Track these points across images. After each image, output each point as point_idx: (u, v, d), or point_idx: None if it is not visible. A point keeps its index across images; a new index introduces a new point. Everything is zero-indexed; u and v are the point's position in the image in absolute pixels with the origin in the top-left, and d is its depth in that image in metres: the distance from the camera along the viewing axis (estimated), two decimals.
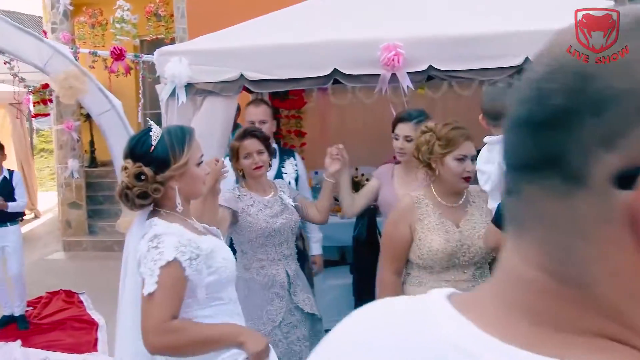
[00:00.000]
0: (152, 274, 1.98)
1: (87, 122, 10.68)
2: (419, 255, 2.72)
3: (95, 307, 6.04)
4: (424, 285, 2.74)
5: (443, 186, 2.79)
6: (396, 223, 2.82)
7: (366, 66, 3.72)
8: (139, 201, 2.13)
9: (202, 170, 2.24)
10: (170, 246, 2.02)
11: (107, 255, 8.73)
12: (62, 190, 9.52)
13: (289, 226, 3.30)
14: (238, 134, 3.42)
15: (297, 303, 3.29)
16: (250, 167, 3.29)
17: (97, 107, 4.01)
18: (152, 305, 1.99)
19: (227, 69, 3.75)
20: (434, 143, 2.72)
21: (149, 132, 2.14)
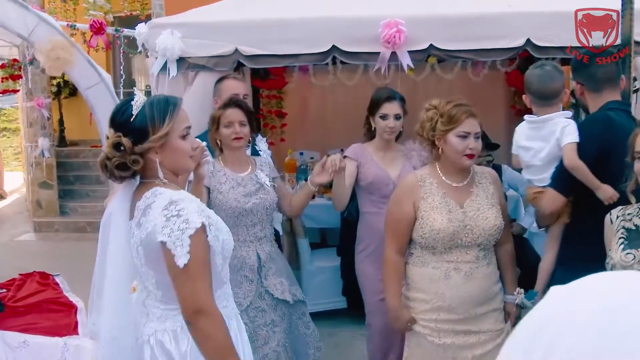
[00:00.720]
0: (182, 244, 1.88)
1: (56, 100, 10.37)
2: (422, 235, 2.66)
3: (71, 290, 5.85)
4: (426, 266, 2.69)
5: (447, 164, 2.71)
6: (399, 201, 2.76)
7: (366, 43, 3.64)
8: (118, 172, 2.01)
9: (187, 144, 2.08)
10: (194, 212, 1.92)
11: (79, 236, 8.52)
12: (32, 170, 9.21)
13: (262, 207, 3.11)
14: (222, 103, 3.20)
15: (267, 287, 3.12)
16: (229, 136, 3.07)
17: (86, 81, 3.82)
18: (191, 278, 1.90)
19: (221, 43, 3.64)
20: (437, 120, 2.66)
21: (130, 101, 2.03)
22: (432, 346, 2.68)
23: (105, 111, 3.83)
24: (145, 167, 2.03)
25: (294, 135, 6.78)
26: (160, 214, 1.92)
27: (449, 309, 2.65)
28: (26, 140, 9.63)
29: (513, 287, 2.88)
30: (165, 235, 1.89)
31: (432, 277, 2.67)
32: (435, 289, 2.66)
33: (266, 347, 3.08)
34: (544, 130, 2.82)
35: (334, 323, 4.98)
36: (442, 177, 2.73)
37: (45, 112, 8.77)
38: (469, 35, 3.67)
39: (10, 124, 17.40)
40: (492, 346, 2.71)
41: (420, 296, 2.71)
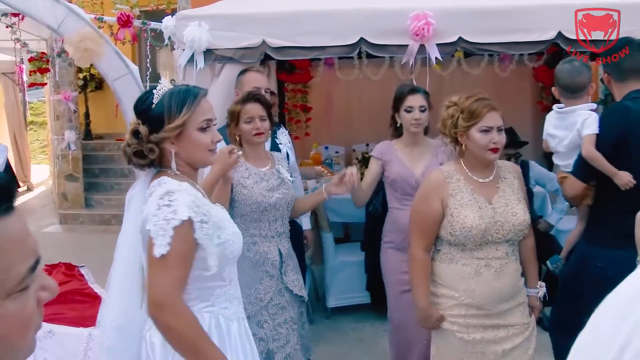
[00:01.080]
0: (164, 234, 1.84)
1: (82, 93, 10.47)
2: (451, 232, 2.60)
3: (96, 281, 5.90)
4: (455, 263, 2.64)
5: (472, 160, 2.67)
6: (427, 198, 2.70)
7: (394, 36, 3.60)
8: (136, 159, 2.00)
9: (206, 136, 2.01)
10: (184, 204, 1.88)
11: (105, 229, 8.59)
12: (58, 163, 9.31)
13: (285, 202, 3.07)
14: (240, 97, 3.15)
15: (286, 284, 3.09)
16: (250, 132, 3.02)
17: (113, 72, 3.83)
18: (164, 270, 1.86)
19: (248, 35, 3.62)
20: (457, 117, 2.62)
21: (153, 90, 2.01)
22: (461, 342, 2.64)
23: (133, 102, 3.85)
24: (162, 157, 2.01)
25: (318, 130, 6.76)
26: (154, 203, 1.90)
27: (478, 305, 2.61)
28: (53, 134, 9.73)
29: (535, 281, 2.87)
30: (152, 224, 1.87)
31: (462, 275, 2.63)
32: (465, 286, 2.62)
33: (288, 346, 3.05)
34: (568, 120, 3.09)
35: (358, 318, 4.96)
36: (469, 173, 2.68)
37: (72, 105, 8.85)
38: (499, 28, 3.61)
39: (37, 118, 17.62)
40: (520, 340, 2.68)
41: (449, 293, 2.67)
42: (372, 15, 3.58)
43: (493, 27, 3.60)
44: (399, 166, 3.47)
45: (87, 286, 5.80)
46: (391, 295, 3.60)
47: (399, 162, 3.48)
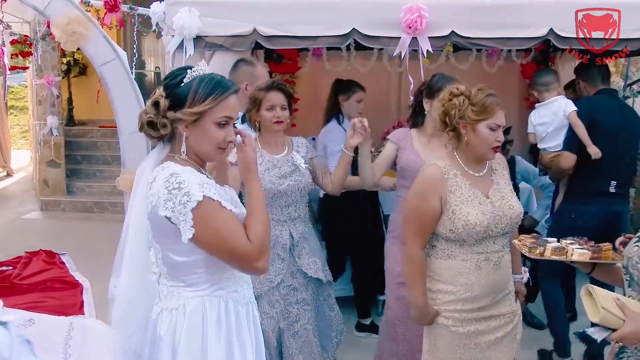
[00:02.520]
0: (185, 219, 1.87)
1: (65, 78, 10.32)
2: (451, 229, 2.58)
3: (78, 269, 5.82)
4: (453, 258, 2.63)
5: (469, 154, 2.65)
6: (425, 195, 2.64)
7: (386, 28, 3.59)
8: (147, 129, 2.02)
9: (220, 133, 1.99)
10: (194, 184, 1.90)
11: (86, 216, 8.51)
12: (40, 148, 9.18)
13: (297, 188, 3.18)
14: (264, 84, 3.23)
15: (300, 266, 3.19)
16: (271, 120, 3.14)
17: (101, 57, 3.76)
18: (222, 246, 1.91)
19: (239, 23, 3.58)
20: (466, 108, 2.57)
21: (188, 69, 2.01)
22: (456, 335, 2.65)
23: (120, 89, 3.78)
24: (174, 138, 2.03)
25: (305, 121, 6.70)
26: (162, 186, 1.91)
27: (475, 299, 2.62)
28: (35, 119, 9.59)
29: (519, 267, 2.92)
30: (169, 210, 1.89)
31: (461, 270, 2.62)
32: (465, 280, 2.61)
33: (297, 324, 3.18)
34: (551, 108, 4.19)
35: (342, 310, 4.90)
36: (464, 167, 2.66)
37: (55, 90, 8.71)
38: (492, 23, 3.60)
39: (17, 102, 17.37)
40: (510, 327, 2.72)
41: (445, 288, 2.66)
42: (365, 6, 3.56)
43: (485, 22, 3.60)
44: (412, 154, 3.47)
45: (68, 274, 5.71)
46: (389, 287, 3.67)
47: (412, 151, 3.48)
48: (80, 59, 10.38)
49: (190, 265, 2.00)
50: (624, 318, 1.97)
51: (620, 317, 1.98)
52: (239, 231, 1.93)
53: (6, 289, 5.19)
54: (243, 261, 1.95)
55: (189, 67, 2.02)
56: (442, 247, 2.67)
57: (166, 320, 2.02)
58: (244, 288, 2.16)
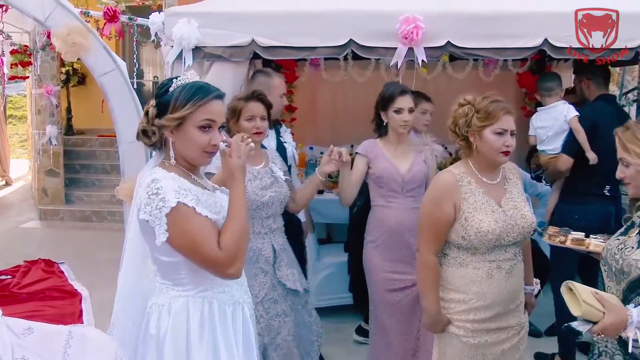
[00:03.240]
0: (160, 223, 1.96)
1: (64, 88, 10.35)
2: (464, 236, 2.57)
3: (76, 278, 5.84)
4: (465, 267, 2.62)
5: (482, 161, 2.65)
6: (439, 202, 2.62)
7: (383, 38, 3.62)
8: (142, 137, 2.13)
9: (204, 137, 2.05)
10: (171, 190, 1.97)
11: (85, 225, 8.51)
12: (39, 157, 9.20)
13: (278, 199, 3.18)
14: (244, 94, 3.24)
15: (280, 278, 3.18)
16: (250, 130, 3.11)
17: (101, 67, 3.80)
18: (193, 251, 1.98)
19: (238, 34, 3.62)
20: (472, 116, 2.59)
21: (175, 78, 2.10)
22: (465, 346, 2.64)
23: (120, 99, 3.81)
24: (164, 145, 2.12)
25: (303, 130, 6.74)
26: (144, 191, 2.00)
27: (487, 308, 2.61)
28: (34, 128, 9.61)
29: (531, 279, 2.93)
30: (147, 214, 1.97)
31: (473, 278, 2.61)
32: (477, 289, 2.61)
33: (278, 337, 3.16)
34: (552, 113, 4.28)
35: (340, 319, 4.97)
36: (478, 174, 2.66)
37: (54, 100, 8.73)
38: (487, 34, 3.64)
39: (16, 112, 17.38)
40: (517, 340, 2.72)
41: (458, 297, 2.64)
42: (362, 17, 3.60)
43: (481, 33, 3.63)
44: (385, 163, 3.51)
45: (67, 283, 5.74)
46: (376, 295, 3.62)
47: (385, 159, 3.52)
48: (79, 69, 10.43)
49: (174, 265, 2.08)
50: (604, 310, 2.05)
51: (600, 309, 2.06)
52: (210, 238, 1.99)
53: (5, 298, 5.21)
54: (213, 267, 2.01)
55: (176, 77, 2.10)
56: (454, 255, 2.66)
57: (154, 317, 2.10)
58: (233, 288, 2.19)
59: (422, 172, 3.54)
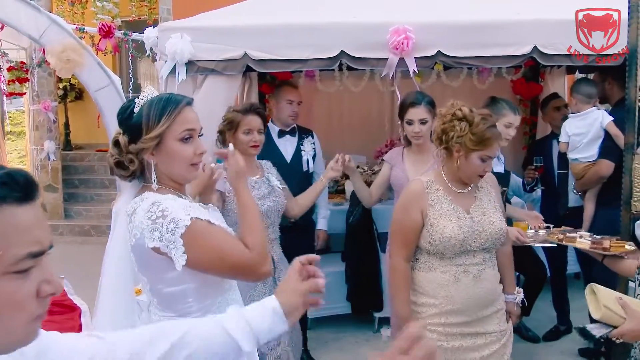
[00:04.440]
0: (175, 247, 1.79)
1: (62, 103, 10.41)
2: (430, 242, 2.63)
3: (76, 293, 5.84)
4: (434, 271, 2.67)
5: (455, 174, 2.69)
6: (407, 208, 2.71)
7: (374, 49, 3.66)
8: (118, 170, 1.95)
9: (187, 148, 1.92)
10: (179, 209, 1.82)
11: (84, 239, 8.54)
12: (37, 173, 9.23)
13: (275, 209, 3.21)
14: (242, 107, 3.27)
15: None
16: (248, 143, 3.15)
17: (95, 83, 3.84)
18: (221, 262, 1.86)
19: (230, 48, 3.65)
20: (466, 134, 2.58)
21: (135, 99, 1.94)
22: (440, 350, 2.64)
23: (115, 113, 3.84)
24: (144, 169, 1.95)
25: None
26: (144, 217, 1.83)
27: (458, 312, 2.65)
28: (32, 144, 9.65)
29: (513, 287, 2.95)
30: (157, 240, 1.81)
31: (441, 282, 2.65)
32: (445, 293, 2.64)
33: (278, 348, 3.16)
34: (587, 120, 4.17)
35: (338, 328, 4.98)
36: (448, 183, 2.71)
37: (52, 115, 8.80)
38: (477, 42, 3.68)
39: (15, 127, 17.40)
40: (497, 346, 2.72)
41: (429, 301, 2.68)
42: (353, 29, 3.64)
43: (470, 42, 3.67)
44: (400, 171, 3.61)
45: (67, 297, 5.71)
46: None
47: (402, 168, 3.61)
48: (76, 84, 10.49)
49: (181, 294, 1.93)
50: (625, 316, 2.09)
51: (622, 315, 2.10)
52: (236, 242, 1.89)
53: None
54: (247, 270, 1.91)
55: (134, 97, 1.95)
56: (424, 260, 2.71)
57: None
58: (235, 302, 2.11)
59: None
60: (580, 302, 3.59)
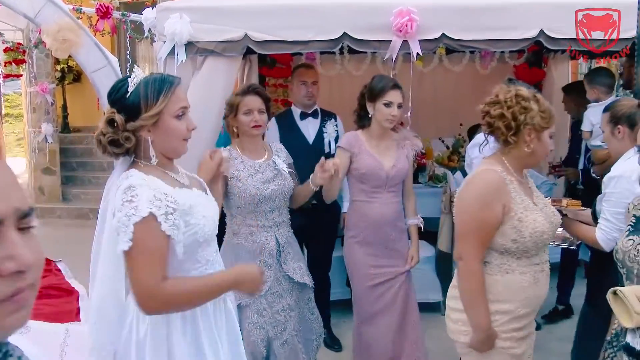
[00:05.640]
0: (125, 230, 1.89)
1: (59, 85, 10.32)
2: (516, 239, 2.37)
3: (74, 276, 5.81)
4: (511, 273, 2.42)
5: (521, 160, 2.47)
6: (488, 203, 2.38)
7: (377, 31, 3.59)
8: (111, 148, 2.03)
9: (182, 124, 2.06)
10: (145, 200, 1.90)
11: (82, 223, 8.49)
12: (35, 156, 9.17)
13: (281, 192, 3.13)
14: (240, 89, 3.23)
15: (286, 272, 3.16)
16: (248, 124, 3.09)
17: (92, 63, 3.77)
18: (134, 266, 1.91)
19: (230, 29, 3.58)
20: (537, 114, 2.38)
21: (128, 78, 2.03)
22: (514, 358, 2.47)
23: None
24: (137, 145, 2.04)
25: None
26: (119, 197, 1.94)
27: (528, 315, 2.48)
28: (29, 126, 9.58)
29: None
30: (117, 220, 1.92)
31: (521, 284, 2.42)
32: (524, 296, 2.43)
33: (285, 332, 3.14)
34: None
35: (337, 314, 4.95)
36: (514, 174, 2.46)
37: (49, 98, 8.71)
38: (482, 25, 3.61)
39: (12, 110, 17.34)
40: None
41: (503, 307, 2.43)
42: (356, 10, 3.57)
43: (476, 24, 3.61)
44: (369, 159, 3.48)
45: (64, 281, 5.71)
46: (359, 290, 3.62)
47: (369, 155, 3.49)
48: (74, 66, 10.39)
49: None
50: None
51: None
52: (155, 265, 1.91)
53: None
54: (141, 293, 1.92)
55: (125, 77, 2.05)
56: (498, 262, 2.44)
57: (132, 320, 2.04)
58: None
59: (405, 168, 3.55)
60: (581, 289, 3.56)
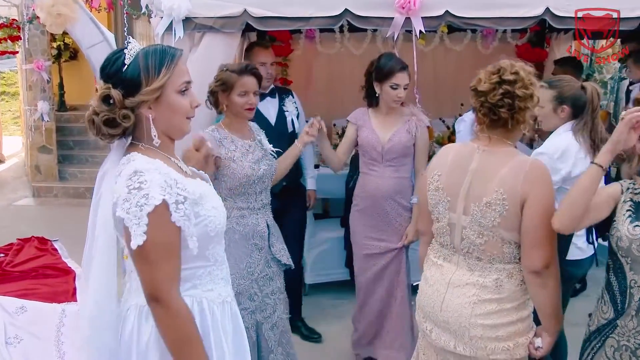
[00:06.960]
0: (138, 223, 1.68)
1: (56, 63, 10.19)
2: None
3: (70, 256, 5.78)
4: None
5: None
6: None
7: (379, 8, 3.53)
8: (106, 129, 1.80)
9: (186, 100, 1.86)
10: (156, 186, 1.71)
11: (78, 202, 8.44)
12: (31, 134, 9.08)
13: (269, 173, 3.08)
14: (237, 67, 3.07)
15: (274, 254, 3.12)
16: (243, 106, 2.99)
17: (88, 39, 3.68)
18: (148, 264, 1.72)
19: (229, 4, 3.52)
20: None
21: (123, 50, 1.81)
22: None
23: None
24: (136, 126, 1.83)
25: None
26: (124, 184, 1.73)
27: None
28: (25, 104, 9.48)
29: None
30: (124, 211, 1.71)
31: None
32: None
33: (274, 315, 3.12)
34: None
35: (337, 295, 4.93)
36: None
37: (45, 75, 8.58)
38: (486, 3, 3.55)
39: (9, 88, 17.22)
40: None
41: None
42: None
43: (480, 2, 3.54)
44: (369, 132, 3.63)
45: (61, 261, 5.66)
46: (358, 257, 3.82)
47: (369, 129, 3.63)
48: (71, 44, 10.25)
49: None
50: None
51: None
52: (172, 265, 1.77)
53: None
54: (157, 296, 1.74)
55: (121, 49, 1.82)
56: None
57: (134, 321, 1.87)
58: (220, 286, 1.99)
59: (402, 142, 3.60)
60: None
